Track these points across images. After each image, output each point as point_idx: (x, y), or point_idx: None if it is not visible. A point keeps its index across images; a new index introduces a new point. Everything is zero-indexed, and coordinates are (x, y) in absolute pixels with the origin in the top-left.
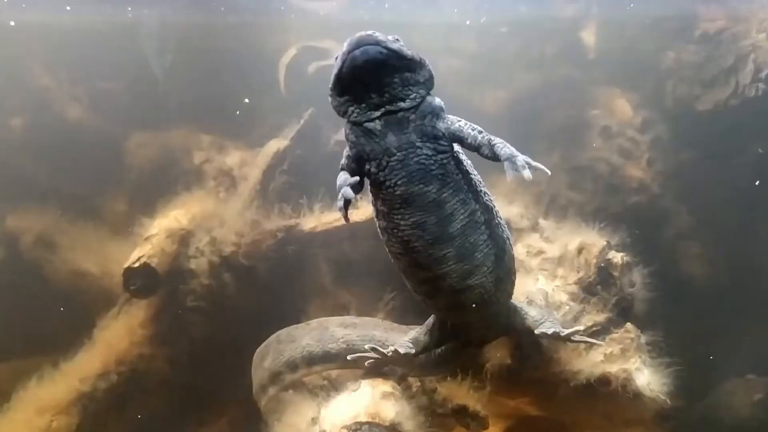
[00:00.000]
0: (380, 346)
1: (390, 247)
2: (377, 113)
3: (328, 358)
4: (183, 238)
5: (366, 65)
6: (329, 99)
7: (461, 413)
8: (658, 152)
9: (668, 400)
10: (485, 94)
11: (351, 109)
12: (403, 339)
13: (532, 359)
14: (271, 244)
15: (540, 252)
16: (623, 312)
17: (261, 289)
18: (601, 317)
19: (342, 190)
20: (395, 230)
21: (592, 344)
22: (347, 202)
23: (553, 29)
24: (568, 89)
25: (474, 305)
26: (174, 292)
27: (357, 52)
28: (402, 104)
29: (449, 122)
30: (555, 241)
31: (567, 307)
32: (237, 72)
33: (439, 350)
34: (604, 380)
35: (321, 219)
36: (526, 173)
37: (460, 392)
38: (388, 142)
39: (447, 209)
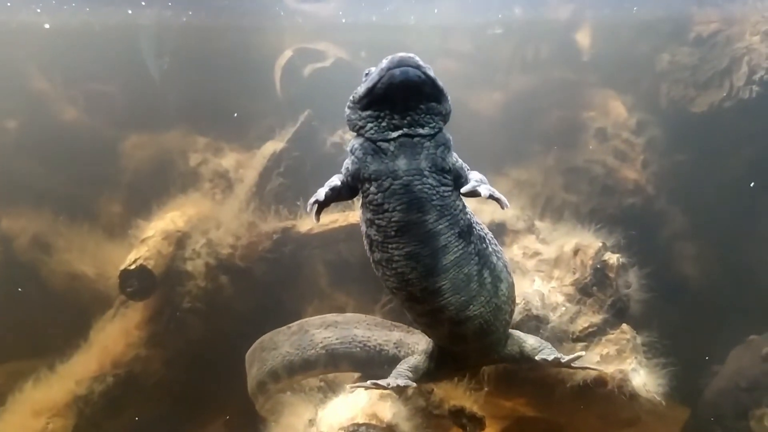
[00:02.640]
0: (362, 347)
1: (386, 282)
2: (394, 134)
3: (307, 365)
4: (179, 240)
5: (402, 86)
6: (347, 110)
7: (458, 414)
8: (653, 154)
9: (663, 401)
10: (481, 96)
11: (370, 125)
12: (404, 366)
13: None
14: (267, 246)
15: (536, 253)
16: (619, 313)
17: (257, 291)
18: (597, 318)
19: (318, 190)
20: (389, 262)
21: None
22: (320, 206)
23: (548, 31)
24: (563, 91)
25: (474, 335)
26: (170, 294)
27: (397, 71)
28: (420, 130)
29: (455, 158)
30: (551, 243)
31: (563, 308)
32: (233, 74)
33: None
34: (601, 381)
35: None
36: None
37: (456, 393)
38: (398, 165)
39: (441, 241)
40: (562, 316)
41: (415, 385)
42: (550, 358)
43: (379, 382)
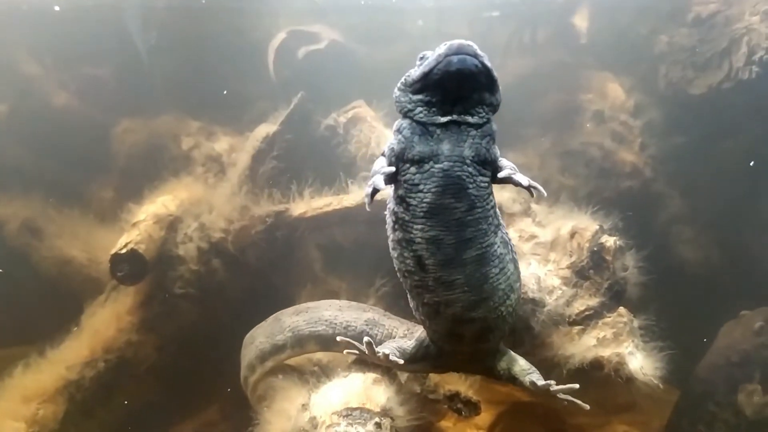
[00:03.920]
0: (328, 325)
1: (400, 263)
2: (443, 119)
3: (276, 350)
4: (171, 224)
5: (459, 73)
6: (396, 93)
7: (453, 399)
8: (651, 136)
9: (660, 384)
10: None
11: (420, 109)
12: (391, 344)
13: (524, 344)
14: (260, 230)
15: (532, 236)
16: (616, 296)
17: (250, 275)
18: (593, 301)
19: (374, 177)
20: (410, 243)
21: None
22: (375, 191)
23: (546, 14)
24: (560, 74)
25: (471, 337)
26: (162, 278)
27: (455, 58)
28: (469, 119)
29: (496, 151)
30: (547, 226)
31: (559, 292)
32: (226, 57)
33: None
34: (597, 364)
35: (311, 204)
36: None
37: (452, 378)
38: (442, 149)
39: (467, 234)
40: (559, 300)
41: (402, 362)
42: (540, 383)
43: (374, 347)
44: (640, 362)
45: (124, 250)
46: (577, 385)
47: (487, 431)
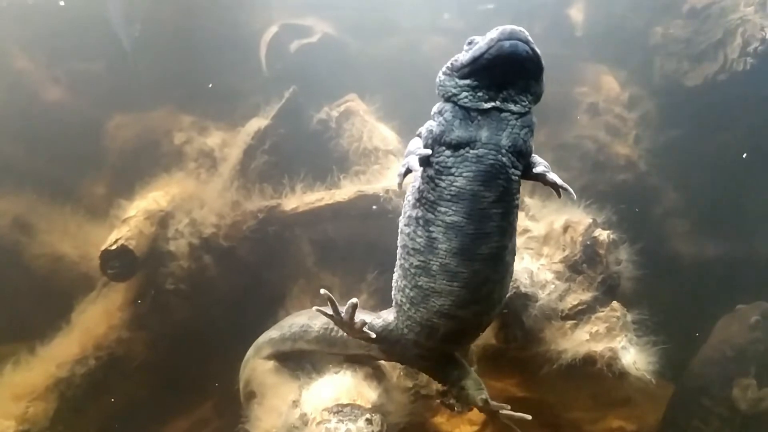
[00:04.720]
0: (277, 326)
1: (409, 240)
2: (487, 105)
3: (244, 365)
4: (162, 220)
5: (509, 58)
6: (441, 77)
7: (446, 394)
8: (646, 129)
9: (653, 380)
10: None
11: (465, 94)
12: (361, 316)
13: (517, 339)
14: (252, 225)
15: (525, 230)
16: (609, 290)
17: (242, 271)
18: (586, 296)
19: (409, 158)
20: (428, 223)
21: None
22: (408, 171)
23: (541, 6)
24: (554, 67)
25: (443, 335)
26: (153, 274)
27: (507, 43)
28: (512, 107)
29: (532, 145)
30: (540, 220)
31: (552, 286)
32: (217, 50)
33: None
34: (590, 359)
35: (303, 199)
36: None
37: None
38: (480, 135)
39: (487, 228)
40: (551, 294)
41: (374, 336)
42: (492, 403)
43: (353, 309)
44: (633, 357)
45: (114, 247)
46: (529, 416)
47: (481, 427)
